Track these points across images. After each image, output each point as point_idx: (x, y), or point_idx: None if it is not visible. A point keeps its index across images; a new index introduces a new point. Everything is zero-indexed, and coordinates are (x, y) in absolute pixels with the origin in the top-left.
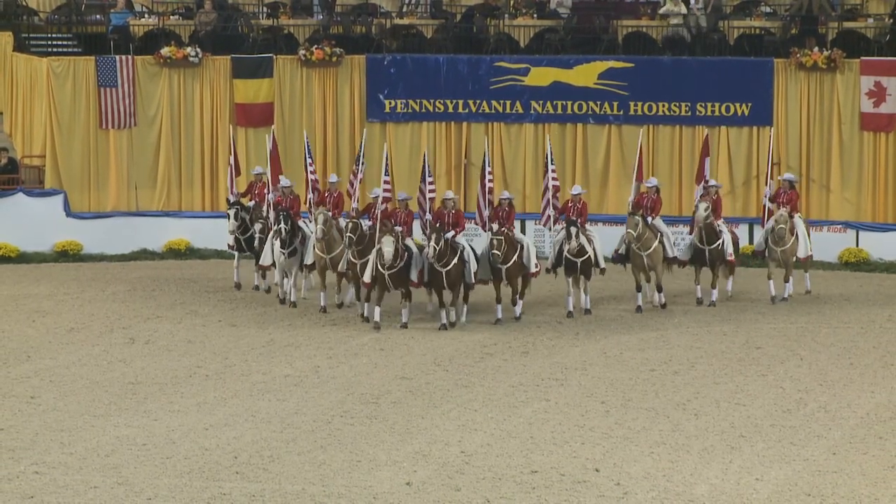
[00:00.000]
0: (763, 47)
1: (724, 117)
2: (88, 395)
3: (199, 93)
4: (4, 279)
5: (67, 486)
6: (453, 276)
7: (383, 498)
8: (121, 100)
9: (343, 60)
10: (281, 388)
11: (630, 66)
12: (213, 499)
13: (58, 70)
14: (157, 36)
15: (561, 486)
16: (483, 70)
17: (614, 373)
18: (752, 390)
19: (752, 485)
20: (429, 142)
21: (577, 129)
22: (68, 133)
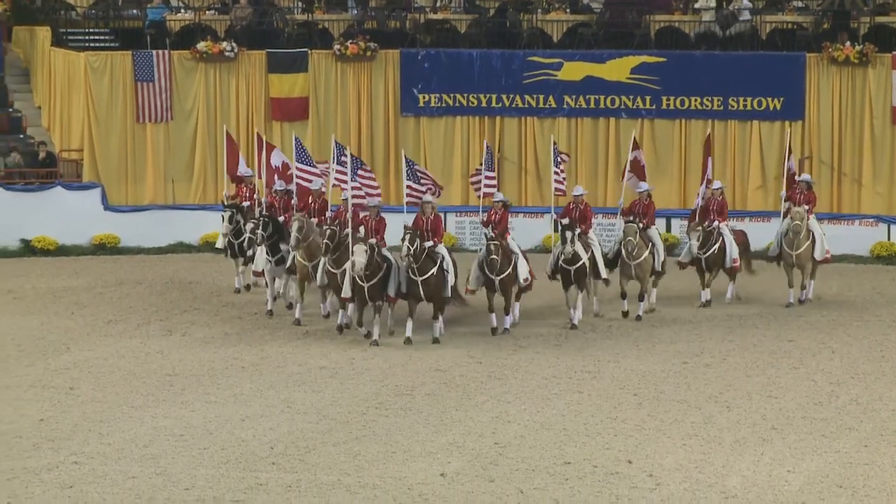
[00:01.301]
0: (795, 42)
1: (756, 112)
2: (126, 386)
3: (234, 87)
4: (44, 272)
5: (106, 476)
6: (431, 287)
7: (418, 489)
8: (157, 94)
9: (377, 55)
10: (316, 379)
11: (662, 61)
12: (249, 489)
13: (95, 65)
14: (193, 31)
15: (594, 477)
16: (516, 65)
17: (647, 365)
18: (784, 383)
19: (783, 476)
20: (462, 136)
21: (610, 123)
22: (106, 127)
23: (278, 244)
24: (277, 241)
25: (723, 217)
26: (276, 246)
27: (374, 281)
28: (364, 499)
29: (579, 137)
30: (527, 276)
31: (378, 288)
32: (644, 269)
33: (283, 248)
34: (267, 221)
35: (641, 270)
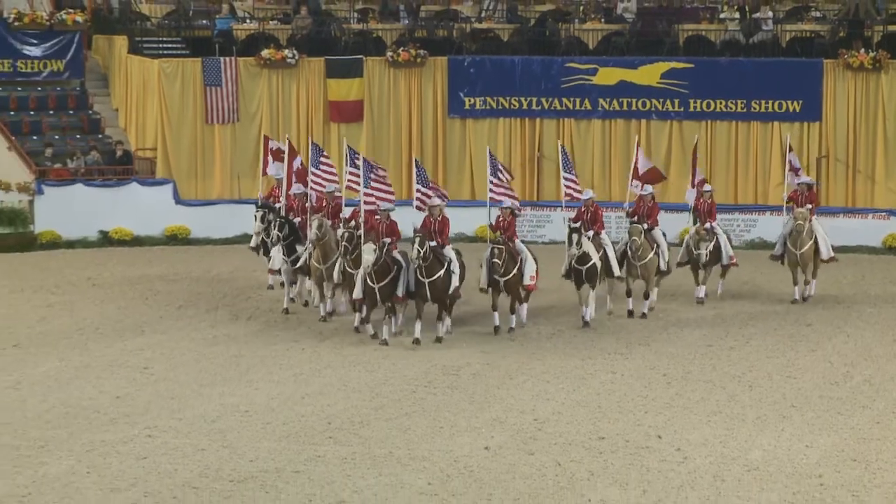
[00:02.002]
0: (813, 49)
1: (776, 114)
2: (196, 366)
3: (295, 91)
4: (121, 261)
5: (177, 449)
6: (438, 289)
7: (463, 461)
8: (225, 98)
9: (427, 61)
10: (371, 360)
11: (690, 67)
12: (308, 461)
13: (168, 71)
14: (257, 39)
15: (626, 451)
16: (555, 70)
17: (675, 348)
18: (802, 364)
19: (802, 451)
20: (504, 136)
21: (641, 124)
22: (177, 128)
23: (294, 245)
24: (293, 242)
25: (712, 217)
26: (292, 246)
27: (385, 282)
28: (414, 470)
29: (613, 138)
30: (532, 277)
31: (388, 289)
32: (649, 269)
33: (300, 248)
34: (283, 223)
35: (647, 270)
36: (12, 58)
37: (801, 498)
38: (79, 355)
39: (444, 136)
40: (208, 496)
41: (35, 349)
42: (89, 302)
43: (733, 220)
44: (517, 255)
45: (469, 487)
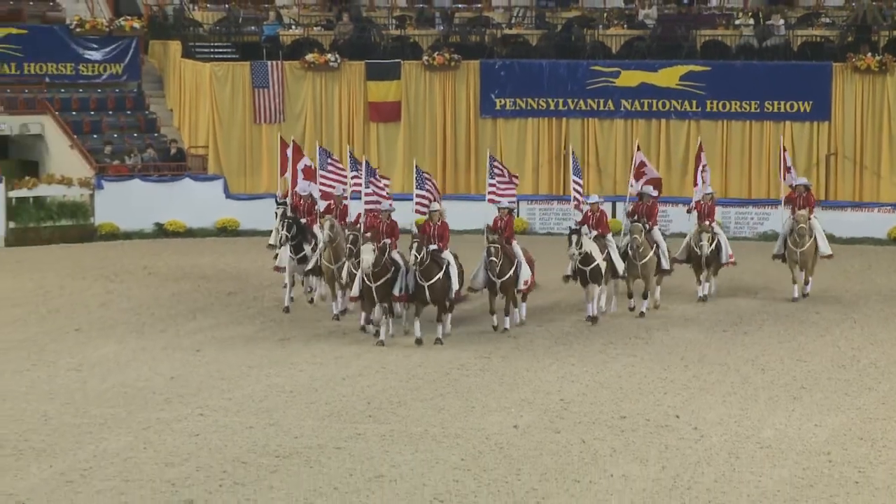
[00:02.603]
0: (823, 53)
1: (788, 113)
2: (244, 349)
3: (337, 93)
4: (175, 251)
5: (227, 427)
6: (437, 292)
7: (494, 438)
8: (271, 99)
9: (460, 65)
10: (407, 345)
11: (707, 70)
12: (349, 438)
13: (219, 74)
14: (302, 44)
15: (646, 429)
16: (580, 73)
17: (692, 333)
18: (811, 348)
19: (811, 430)
20: (533, 135)
21: (661, 124)
22: (227, 127)
23: (301, 244)
24: (300, 241)
25: (711, 218)
26: (299, 246)
27: (382, 282)
28: (448, 447)
29: (634, 136)
30: (527, 280)
31: (385, 289)
32: (649, 269)
33: (306, 248)
34: (291, 223)
35: (647, 269)
36: (74, 61)
37: (810, 474)
38: (136, 339)
39: (477, 135)
40: (256, 470)
41: (95, 333)
42: (145, 289)
43: (747, 214)
44: (514, 257)
45: (499, 463)
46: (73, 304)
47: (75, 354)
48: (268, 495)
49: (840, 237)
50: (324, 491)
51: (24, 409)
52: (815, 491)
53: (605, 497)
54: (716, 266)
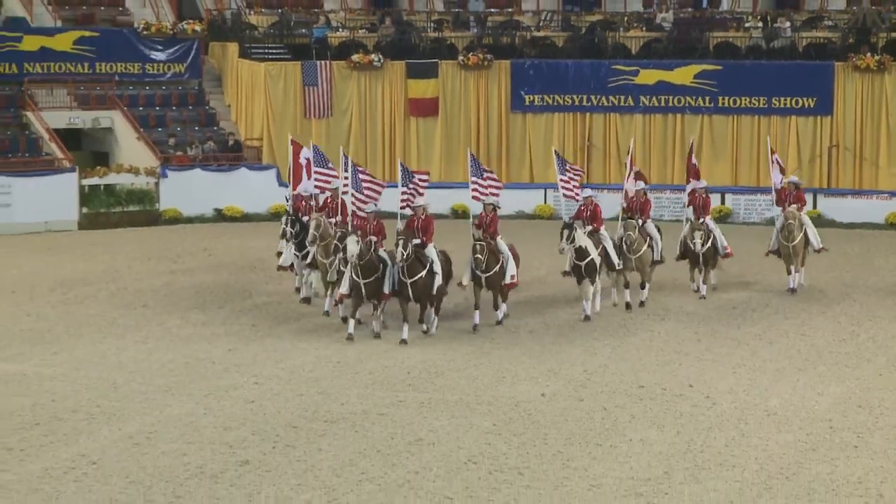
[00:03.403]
0: (826, 53)
1: (793, 109)
2: (296, 324)
3: (380, 90)
4: (232, 234)
5: (280, 394)
6: (420, 288)
7: (523, 406)
8: (320, 96)
9: (493, 64)
10: (444, 322)
11: (719, 69)
12: (391, 405)
13: (272, 73)
14: (348, 45)
15: (663, 398)
16: (602, 72)
17: (704, 310)
18: (814, 324)
19: (814, 398)
20: (559, 128)
21: (677, 118)
22: (280, 121)
23: (304, 242)
24: (304, 239)
25: (706, 212)
26: (302, 243)
27: (371, 279)
28: (481, 413)
29: (652, 130)
30: (513, 275)
31: (374, 286)
32: (644, 261)
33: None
34: (294, 220)
35: (641, 262)
36: (141, 61)
37: (813, 439)
38: (197, 314)
39: (507, 129)
40: (306, 434)
41: (160, 309)
42: (206, 269)
43: (755, 201)
44: (498, 254)
45: (528, 428)
46: (139, 283)
47: (142, 328)
48: (317, 457)
49: (841, 222)
50: (368, 453)
51: (96, 377)
52: (818, 454)
53: (625, 459)
54: (713, 261)
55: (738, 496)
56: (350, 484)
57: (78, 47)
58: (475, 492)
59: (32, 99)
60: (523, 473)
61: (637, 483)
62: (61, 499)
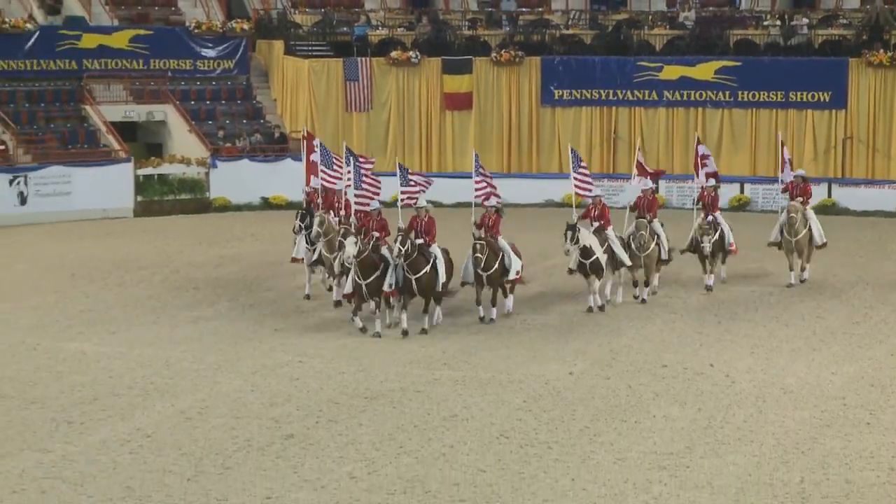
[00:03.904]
0: (840, 50)
1: (809, 103)
2: (339, 307)
3: (417, 85)
4: (278, 221)
5: (322, 372)
6: (423, 285)
7: (552, 384)
8: (361, 90)
9: (524, 61)
10: (458, 315)
11: (739, 65)
12: (427, 383)
13: (316, 69)
14: (387, 43)
15: (684, 376)
16: (628, 68)
17: (725, 294)
18: (829, 307)
19: (828, 377)
20: (586, 122)
21: (698, 112)
22: (323, 114)
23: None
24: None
25: (714, 209)
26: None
27: (372, 278)
28: (512, 391)
29: (674, 123)
30: (517, 271)
31: (376, 284)
32: (651, 259)
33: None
34: (305, 214)
35: (649, 260)
36: (192, 58)
37: (827, 415)
38: (244, 296)
39: (538, 122)
40: (347, 410)
41: (210, 291)
42: (253, 253)
43: (773, 190)
44: (499, 252)
45: (556, 405)
46: (190, 267)
47: (193, 310)
48: (357, 431)
49: (854, 210)
50: (405, 428)
51: (151, 355)
52: (832, 430)
53: (649, 434)
54: (722, 255)
55: (756, 469)
56: (389, 456)
57: (133, 45)
58: (507, 464)
59: (91, 93)
60: (552, 447)
61: (660, 457)
62: (118, 469)
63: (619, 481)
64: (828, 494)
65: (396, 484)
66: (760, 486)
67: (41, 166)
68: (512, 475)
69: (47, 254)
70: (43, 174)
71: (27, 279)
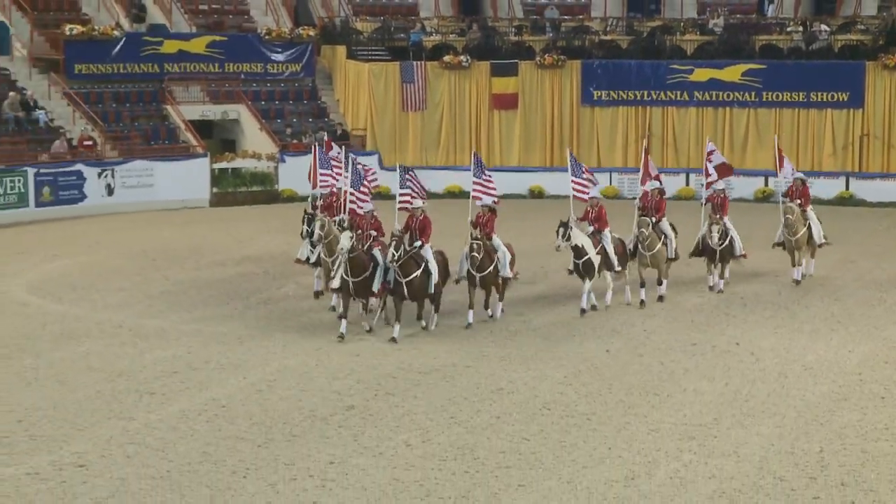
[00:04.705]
0: (858, 53)
1: (829, 102)
2: None
3: (468, 86)
4: None
5: (380, 349)
6: (415, 288)
7: (590, 360)
8: (416, 92)
9: (566, 64)
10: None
11: (764, 67)
12: (476, 359)
13: (375, 72)
14: (440, 48)
15: (713, 354)
16: (661, 70)
17: (753, 285)
18: (846, 291)
19: (845, 356)
20: (623, 120)
21: (726, 111)
22: (381, 113)
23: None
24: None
25: (724, 212)
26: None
27: (360, 278)
28: (554, 366)
29: (704, 122)
30: (508, 273)
31: (363, 286)
32: (658, 258)
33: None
34: (310, 218)
35: (656, 259)
36: (263, 62)
37: (844, 390)
38: (309, 279)
39: (578, 121)
40: (403, 383)
41: (278, 274)
42: None
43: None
44: (493, 253)
45: (594, 379)
46: (261, 253)
47: (263, 292)
48: (412, 403)
49: (871, 201)
50: (456, 400)
51: (224, 333)
52: (849, 403)
53: (680, 407)
54: (729, 258)
55: (778, 439)
56: (441, 426)
57: (210, 50)
58: (548, 434)
59: (171, 95)
60: (591, 418)
61: (690, 427)
62: (196, 436)
63: (651, 450)
64: (845, 463)
65: (448, 451)
66: (782, 454)
67: (126, 160)
68: (553, 443)
69: (131, 240)
70: (128, 168)
71: (113, 263)
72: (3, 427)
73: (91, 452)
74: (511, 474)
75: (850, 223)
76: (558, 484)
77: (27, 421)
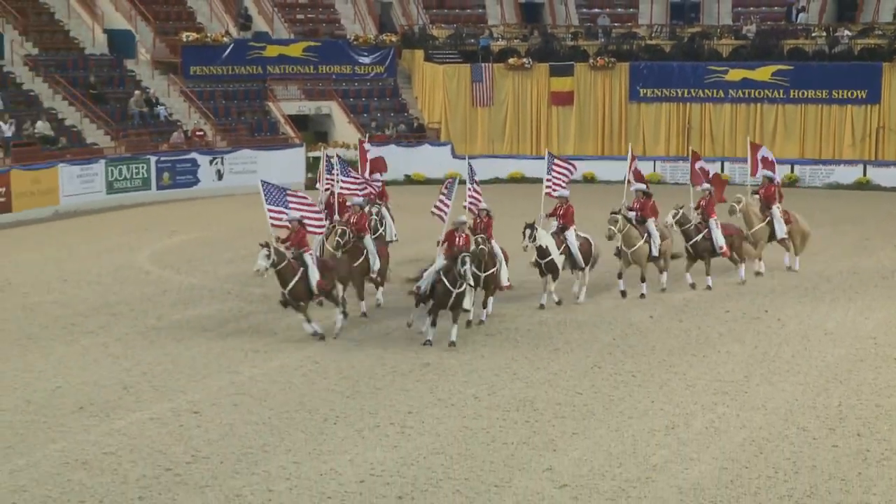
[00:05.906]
0: (876, 55)
1: (849, 99)
2: None
3: (529, 86)
4: (418, 195)
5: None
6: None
7: (636, 325)
8: (485, 90)
9: (615, 66)
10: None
11: (791, 68)
12: (536, 324)
13: (448, 73)
14: (506, 51)
15: (743, 320)
16: (700, 71)
17: (773, 255)
18: (863, 265)
19: (862, 322)
20: (666, 115)
21: (757, 107)
22: (454, 109)
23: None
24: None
25: (710, 213)
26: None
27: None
28: (603, 330)
29: (737, 117)
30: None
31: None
32: (639, 255)
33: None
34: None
35: (637, 257)
36: (352, 64)
37: (861, 352)
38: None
39: (626, 115)
40: (471, 344)
41: None
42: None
43: (818, 170)
44: (494, 257)
45: (639, 341)
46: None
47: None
48: (480, 361)
49: (886, 186)
50: (517, 359)
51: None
52: (865, 364)
53: (714, 366)
54: (709, 257)
55: (801, 395)
56: (505, 381)
57: (306, 54)
58: (599, 389)
59: (272, 93)
60: (636, 376)
61: (723, 384)
62: (292, 388)
63: (689, 403)
64: (861, 416)
65: (511, 403)
66: (805, 408)
67: (234, 150)
68: (603, 397)
69: (238, 219)
70: (235, 156)
71: (224, 239)
72: (131, 378)
73: (203, 401)
74: (566, 423)
75: (867, 206)
76: (607, 432)
77: (150, 373)
